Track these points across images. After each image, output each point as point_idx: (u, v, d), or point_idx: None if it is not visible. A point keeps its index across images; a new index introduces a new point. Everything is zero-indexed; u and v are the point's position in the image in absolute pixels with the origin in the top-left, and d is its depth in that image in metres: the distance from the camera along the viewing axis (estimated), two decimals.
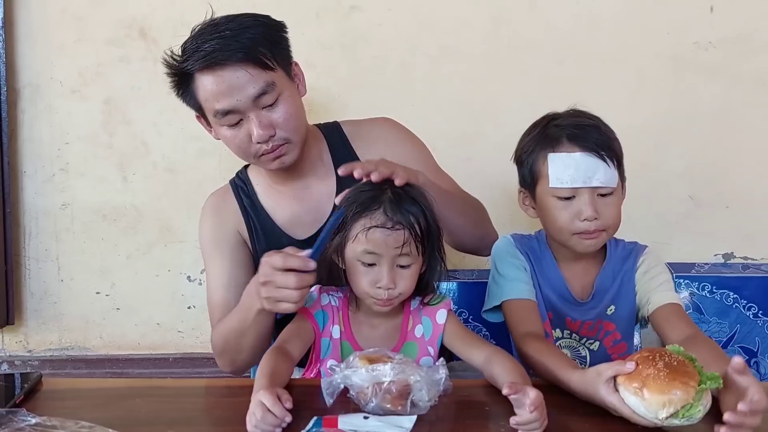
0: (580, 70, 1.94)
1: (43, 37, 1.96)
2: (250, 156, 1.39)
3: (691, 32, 1.93)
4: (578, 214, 1.30)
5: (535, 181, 1.36)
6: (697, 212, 1.98)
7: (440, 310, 1.30)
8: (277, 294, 1.16)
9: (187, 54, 1.33)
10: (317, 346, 1.28)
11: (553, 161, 1.31)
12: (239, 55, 1.29)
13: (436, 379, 1.07)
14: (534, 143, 1.37)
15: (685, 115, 1.96)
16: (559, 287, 1.41)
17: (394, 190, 1.21)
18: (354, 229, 1.20)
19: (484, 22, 1.94)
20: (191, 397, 1.20)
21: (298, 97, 1.41)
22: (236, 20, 1.33)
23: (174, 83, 1.38)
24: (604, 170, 1.29)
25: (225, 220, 1.50)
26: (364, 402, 1.06)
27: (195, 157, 1.99)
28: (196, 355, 2.03)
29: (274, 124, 1.35)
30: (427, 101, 1.96)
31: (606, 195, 1.31)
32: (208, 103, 1.34)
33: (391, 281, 1.20)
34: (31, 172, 1.99)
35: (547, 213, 1.35)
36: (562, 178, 1.30)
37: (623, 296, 1.41)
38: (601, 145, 1.30)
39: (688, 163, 1.97)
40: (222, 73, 1.30)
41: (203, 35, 1.32)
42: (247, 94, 1.31)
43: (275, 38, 1.37)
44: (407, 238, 1.19)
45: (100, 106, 1.98)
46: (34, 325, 2.04)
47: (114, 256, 2.02)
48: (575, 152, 1.30)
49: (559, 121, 1.37)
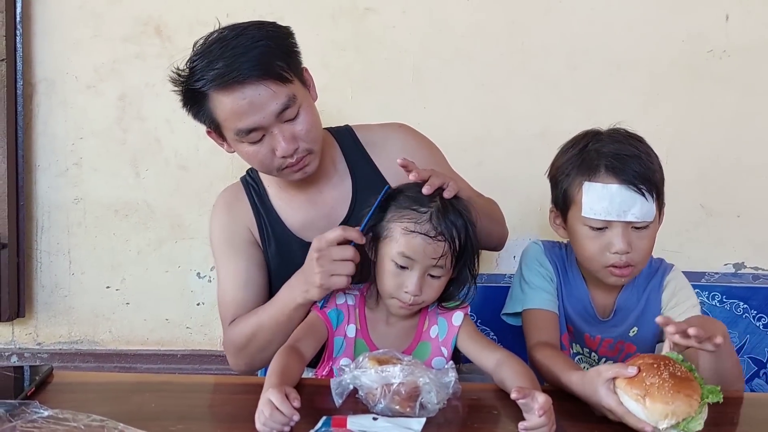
0: (593, 77, 1.94)
1: (60, 32, 1.97)
2: (272, 170, 1.35)
3: (706, 41, 1.93)
4: (609, 246, 1.26)
5: (568, 205, 1.32)
6: (708, 221, 1.97)
7: (457, 312, 1.30)
8: (333, 267, 1.20)
9: (198, 72, 1.26)
10: (330, 344, 1.29)
11: (587, 191, 1.26)
12: (258, 72, 1.25)
13: (446, 382, 1.07)
14: (570, 166, 1.31)
15: (698, 124, 1.95)
16: (583, 301, 1.39)
17: (444, 200, 1.21)
18: (395, 229, 1.20)
19: (498, 27, 1.94)
20: (200, 393, 1.20)
21: (314, 105, 1.38)
22: (244, 34, 1.27)
23: (185, 101, 1.33)
24: (641, 204, 1.23)
25: (238, 218, 1.47)
26: (373, 403, 1.06)
27: (207, 155, 1.99)
28: (203, 351, 2.03)
29: (297, 137, 1.31)
30: (440, 104, 1.96)
31: (640, 228, 1.26)
32: (228, 122, 1.29)
33: (418, 289, 1.20)
34: (44, 166, 2.01)
35: (577, 240, 1.32)
36: (595, 209, 1.25)
37: (647, 318, 1.37)
38: (641, 178, 1.24)
39: (700, 172, 1.97)
40: (243, 91, 1.25)
41: (213, 52, 1.25)
42: (271, 111, 1.27)
43: (287, 48, 1.32)
44: (446, 251, 1.19)
45: (114, 102, 1.99)
46: (44, 318, 2.06)
47: (125, 251, 2.03)
48: (612, 184, 1.24)
49: (600, 145, 1.30)
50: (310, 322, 1.28)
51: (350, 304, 1.30)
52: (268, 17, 1.91)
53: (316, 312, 1.29)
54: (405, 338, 1.29)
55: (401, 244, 1.19)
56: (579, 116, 1.95)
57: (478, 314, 1.79)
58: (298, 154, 1.32)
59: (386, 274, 1.22)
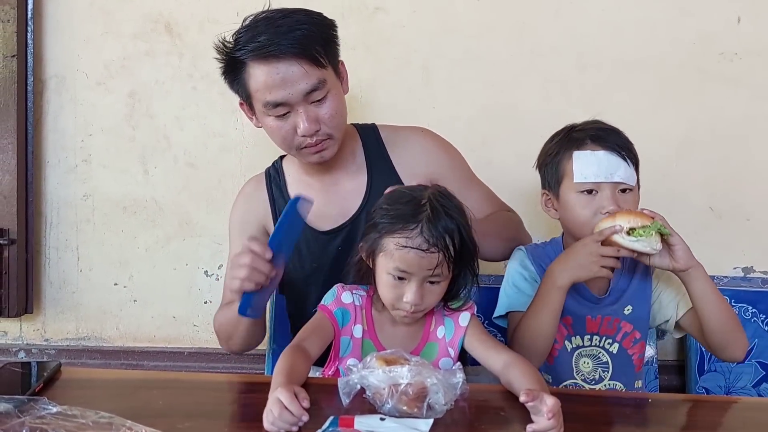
0: (603, 78, 1.93)
1: (71, 29, 1.98)
2: (292, 147, 1.42)
3: (717, 43, 1.92)
4: (600, 208, 1.37)
5: (560, 180, 1.43)
6: (717, 224, 1.96)
7: (464, 312, 1.30)
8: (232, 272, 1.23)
9: (241, 43, 1.34)
10: (336, 344, 1.29)
11: (578, 158, 1.39)
12: (295, 50, 1.32)
13: (453, 383, 1.07)
14: (558, 146, 1.45)
15: (707, 126, 1.94)
16: (577, 286, 1.42)
17: (433, 206, 1.20)
18: (388, 244, 1.20)
19: (508, 28, 1.94)
20: (207, 390, 1.20)
21: (342, 95, 1.45)
22: (291, 16, 1.35)
23: (224, 69, 1.41)
24: (624, 168, 1.38)
25: (253, 210, 1.55)
26: (380, 403, 1.06)
27: (216, 152, 2.00)
28: (210, 350, 2.04)
29: (320, 120, 1.38)
30: (449, 104, 1.96)
31: (625, 192, 1.39)
32: (259, 93, 1.36)
33: (418, 298, 1.20)
34: (54, 162, 2.02)
35: (570, 210, 1.42)
36: (585, 173, 1.38)
37: (640, 296, 1.47)
38: (622, 146, 1.40)
39: (710, 175, 1.96)
40: (277, 66, 1.33)
41: (258, 26, 1.34)
42: (300, 89, 1.34)
43: (328, 36, 1.40)
44: (441, 261, 1.18)
45: (124, 99, 1.99)
46: (51, 314, 2.06)
47: (133, 248, 2.03)
48: (598, 150, 1.39)
49: (581, 126, 1.46)
50: (316, 320, 1.28)
51: (357, 305, 1.30)
52: None
53: (322, 310, 1.29)
54: (412, 339, 1.29)
55: (395, 259, 1.19)
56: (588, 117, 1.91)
57: (486, 315, 1.79)
58: (318, 137, 1.39)
59: (385, 287, 1.23)
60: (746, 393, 1.82)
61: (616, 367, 1.45)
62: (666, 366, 1.91)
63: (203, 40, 1.96)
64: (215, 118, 1.99)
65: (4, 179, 1.93)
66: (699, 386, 1.85)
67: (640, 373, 1.49)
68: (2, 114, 1.92)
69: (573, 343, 1.46)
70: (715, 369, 1.85)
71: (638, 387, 1.49)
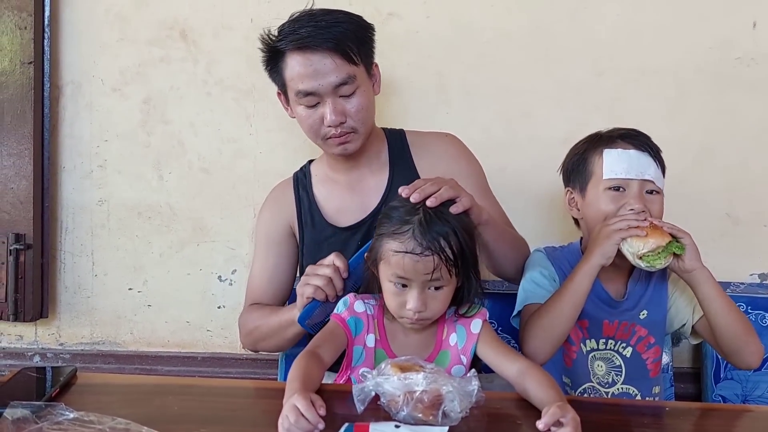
0: (618, 83, 1.92)
1: (87, 36, 1.99)
2: (318, 137, 1.50)
3: (733, 48, 1.90)
4: (626, 205, 1.37)
5: (587, 178, 1.45)
6: (734, 230, 1.94)
7: (475, 319, 1.29)
8: (309, 279, 1.33)
9: (283, 35, 1.45)
10: (349, 353, 1.28)
11: (608, 154, 1.41)
12: (329, 44, 1.42)
13: (469, 391, 1.07)
14: (587, 144, 1.47)
15: (725, 132, 1.93)
16: (596, 289, 1.42)
17: (426, 210, 1.20)
18: (386, 251, 1.21)
19: (522, 32, 1.93)
20: (222, 397, 1.20)
21: (372, 94, 1.54)
22: (332, 14, 1.46)
23: (266, 59, 1.51)
24: (654, 169, 1.39)
25: (280, 213, 1.64)
26: (395, 410, 1.06)
27: (230, 158, 2.00)
28: (224, 354, 2.04)
29: (347, 113, 1.46)
30: (463, 110, 1.96)
31: (653, 194, 1.40)
32: (292, 82, 1.46)
33: (421, 304, 1.20)
34: (70, 167, 2.03)
35: (594, 206, 1.42)
36: (616, 169, 1.39)
37: (656, 301, 1.47)
38: (653, 148, 1.42)
39: (727, 181, 1.94)
40: (311, 57, 1.42)
41: (300, 21, 1.45)
42: (329, 81, 1.43)
43: (363, 37, 1.50)
44: (437, 264, 1.18)
45: (139, 105, 2.00)
46: (67, 318, 2.07)
47: (147, 253, 2.04)
48: (630, 149, 1.40)
49: (611, 130, 1.48)
50: (329, 328, 1.28)
51: (369, 314, 1.30)
52: None
53: (335, 319, 1.29)
54: (425, 348, 1.29)
55: (393, 266, 1.20)
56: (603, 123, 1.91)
57: (499, 322, 1.78)
58: (343, 129, 1.47)
59: (389, 295, 1.23)
60: (764, 402, 1.80)
61: (629, 371, 1.45)
62: (681, 373, 1.90)
63: (218, 47, 1.98)
64: (229, 124, 2.00)
65: (21, 185, 1.95)
66: (715, 394, 1.83)
67: (657, 378, 1.48)
68: (19, 120, 1.94)
69: (587, 346, 1.46)
70: (731, 377, 1.83)
71: (656, 393, 1.48)
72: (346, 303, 1.30)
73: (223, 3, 1.96)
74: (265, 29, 1.49)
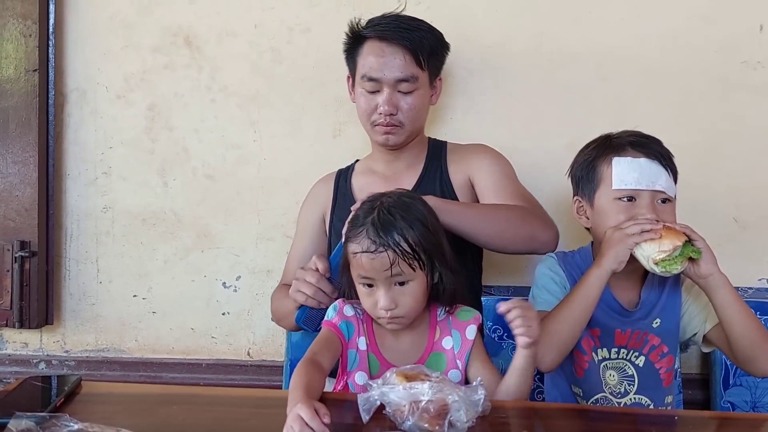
0: (623, 88, 1.91)
1: (91, 43, 2.00)
2: (368, 122, 1.63)
3: (739, 51, 1.89)
4: (638, 216, 1.33)
5: (596, 187, 1.40)
6: (741, 235, 1.93)
7: (471, 325, 1.30)
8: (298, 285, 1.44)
9: (370, 24, 1.62)
10: (344, 357, 1.29)
11: (618, 164, 1.36)
12: (405, 43, 1.57)
13: (475, 400, 1.05)
14: (596, 152, 1.43)
15: (731, 135, 1.91)
16: (606, 298, 1.40)
17: (381, 209, 1.23)
18: (348, 255, 1.25)
19: (526, 37, 1.92)
20: (227, 406, 1.20)
21: (428, 100, 1.67)
22: (416, 21, 1.63)
23: (348, 43, 1.66)
24: (665, 177, 1.35)
25: (316, 203, 1.76)
26: (401, 420, 1.05)
27: (234, 164, 2.00)
28: (228, 361, 2.03)
29: (399, 107, 1.60)
30: (467, 115, 1.95)
31: (665, 202, 1.36)
32: (362, 67, 1.61)
33: (390, 302, 1.22)
34: (74, 174, 2.03)
35: (604, 216, 1.38)
36: (626, 179, 1.34)
37: (669, 309, 1.43)
38: (663, 155, 1.37)
39: (733, 185, 1.92)
40: (386, 48, 1.58)
41: (388, 18, 1.62)
42: (394, 74, 1.58)
43: (437, 49, 1.65)
44: (394, 259, 1.19)
45: (143, 112, 2.00)
46: (71, 325, 2.07)
47: (152, 260, 2.04)
48: (640, 157, 1.35)
49: (619, 134, 1.43)
50: (324, 336, 1.29)
51: (359, 318, 1.31)
52: (296, 28, 1.95)
53: (327, 326, 1.30)
54: (415, 350, 1.29)
55: (356, 267, 1.23)
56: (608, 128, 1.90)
57: (505, 328, 1.77)
58: (392, 120, 1.60)
59: (362, 297, 1.26)
60: None
61: (642, 381, 1.42)
62: (690, 380, 1.88)
63: (222, 53, 1.98)
64: (234, 130, 2.00)
65: (26, 192, 1.95)
66: (724, 401, 1.81)
67: (669, 388, 1.45)
68: (24, 127, 1.94)
69: (599, 356, 1.44)
70: (740, 383, 1.81)
71: (668, 403, 1.45)
72: (335, 308, 1.32)
73: (227, 9, 1.97)
74: (356, 17, 1.64)
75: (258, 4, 1.96)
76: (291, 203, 1.92)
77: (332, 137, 1.97)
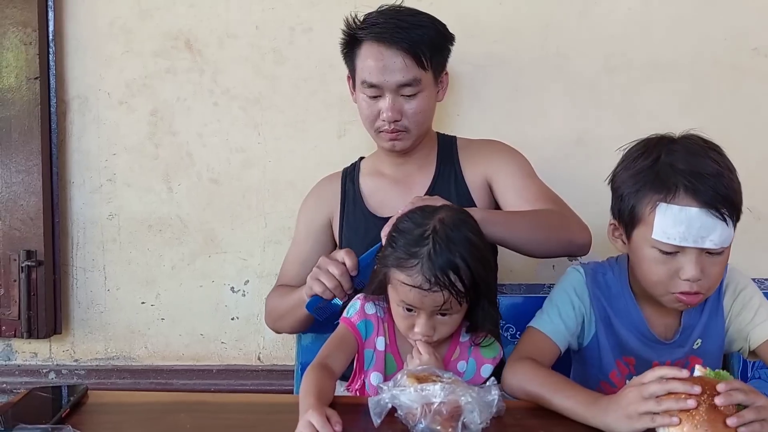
0: (632, 79, 1.88)
1: (92, 49, 1.98)
2: (372, 127, 1.57)
3: (749, 38, 1.86)
4: (679, 272, 1.15)
5: (635, 224, 1.20)
6: (756, 226, 1.89)
7: (488, 364, 1.28)
8: (319, 273, 1.34)
9: (366, 24, 1.52)
10: (360, 357, 1.27)
11: (663, 213, 1.14)
12: (404, 45, 1.47)
13: (489, 401, 1.03)
14: (642, 182, 1.19)
15: (743, 124, 1.88)
16: (640, 327, 1.29)
17: (436, 240, 1.15)
18: (393, 278, 1.18)
19: (531, 31, 1.90)
20: (235, 413, 1.18)
21: (433, 99, 1.58)
22: (416, 16, 1.52)
23: (344, 42, 1.57)
24: (720, 230, 1.12)
25: (322, 204, 1.70)
26: (413, 423, 1.02)
27: (239, 168, 1.98)
28: (239, 366, 2.01)
29: (403, 112, 1.52)
30: (473, 110, 1.93)
31: (714, 254, 1.15)
32: (361, 72, 1.53)
33: (429, 330, 1.18)
34: (79, 182, 2.02)
35: (641, 262, 1.21)
36: (670, 233, 1.13)
37: (711, 328, 1.30)
38: (723, 201, 1.13)
39: (747, 174, 1.83)
40: (384, 52, 1.48)
41: (385, 15, 1.51)
42: (395, 79, 1.49)
43: (440, 45, 1.55)
44: (447, 298, 1.15)
45: (146, 118, 1.99)
46: (80, 334, 2.06)
47: (159, 266, 2.02)
48: (691, 207, 1.12)
49: (675, 158, 1.18)
50: (339, 335, 1.26)
51: (380, 317, 1.28)
52: (297, 28, 1.93)
53: (345, 324, 1.27)
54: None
55: (400, 294, 1.18)
56: (617, 120, 1.90)
57: (517, 326, 1.75)
58: (397, 126, 1.53)
59: (397, 316, 1.22)
60: None
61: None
62: None
63: (223, 56, 1.96)
64: (237, 133, 1.98)
65: (30, 201, 1.94)
66: None
67: None
68: (26, 136, 1.93)
69: None
70: (759, 376, 1.77)
71: None
72: (356, 307, 1.28)
73: (228, 11, 1.95)
74: (352, 13, 1.55)
75: (258, 5, 1.94)
76: (297, 205, 1.89)
77: (337, 137, 1.95)
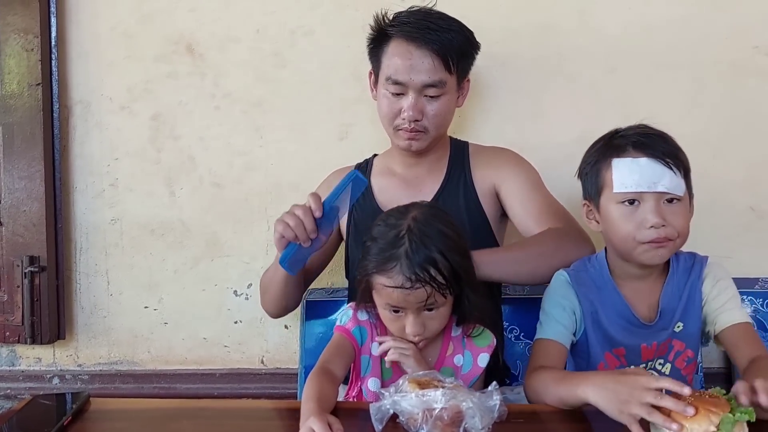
0: (632, 78, 1.88)
1: (94, 54, 1.99)
2: (391, 125, 1.56)
3: (750, 37, 1.85)
4: (643, 222, 1.26)
5: (600, 190, 1.33)
6: (759, 224, 1.89)
7: (484, 353, 1.29)
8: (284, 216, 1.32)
9: (397, 21, 1.52)
10: (357, 363, 1.28)
11: (617, 166, 1.29)
12: (434, 46, 1.48)
13: (490, 406, 1.03)
14: (598, 154, 1.35)
15: (745, 123, 1.87)
16: (624, 312, 1.34)
17: (411, 236, 1.17)
18: (376, 282, 1.20)
19: (532, 30, 1.89)
20: (237, 419, 1.17)
21: (454, 103, 1.59)
22: (447, 20, 1.53)
23: (372, 37, 1.57)
24: (670, 177, 1.26)
25: None
26: (415, 428, 1.03)
27: (241, 171, 1.98)
28: (242, 370, 2.02)
29: (424, 113, 1.52)
30: (474, 111, 1.92)
31: (672, 202, 1.28)
32: (387, 68, 1.53)
33: (420, 328, 1.19)
34: (81, 187, 2.02)
35: (611, 223, 1.31)
36: (626, 182, 1.27)
37: (691, 312, 1.36)
38: (668, 153, 1.27)
39: (749, 173, 1.88)
40: (413, 51, 1.49)
41: (417, 15, 1.52)
42: (421, 79, 1.49)
43: (467, 52, 1.57)
44: (430, 292, 1.16)
45: (148, 122, 1.99)
46: (84, 339, 2.06)
47: (162, 270, 2.03)
48: (640, 158, 1.27)
49: (624, 132, 1.34)
50: (336, 342, 1.27)
51: (372, 323, 1.29)
52: (299, 31, 1.93)
53: (340, 331, 1.28)
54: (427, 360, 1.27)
55: (384, 297, 1.19)
56: (619, 120, 1.85)
57: (521, 327, 1.75)
58: (416, 126, 1.53)
59: (386, 320, 1.23)
60: None
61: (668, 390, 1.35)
62: (711, 374, 1.84)
63: (224, 60, 1.96)
64: (239, 136, 1.98)
65: (33, 206, 1.94)
66: None
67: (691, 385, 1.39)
68: (29, 142, 1.93)
69: None
70: None
71: None
72: (348, 314, 1.29)
73: (229, 15, 1.95)
74: (383, 10, 1.55)
75: (259, 9, 1.94)
76: None
77: (339, 140, 1.95)
